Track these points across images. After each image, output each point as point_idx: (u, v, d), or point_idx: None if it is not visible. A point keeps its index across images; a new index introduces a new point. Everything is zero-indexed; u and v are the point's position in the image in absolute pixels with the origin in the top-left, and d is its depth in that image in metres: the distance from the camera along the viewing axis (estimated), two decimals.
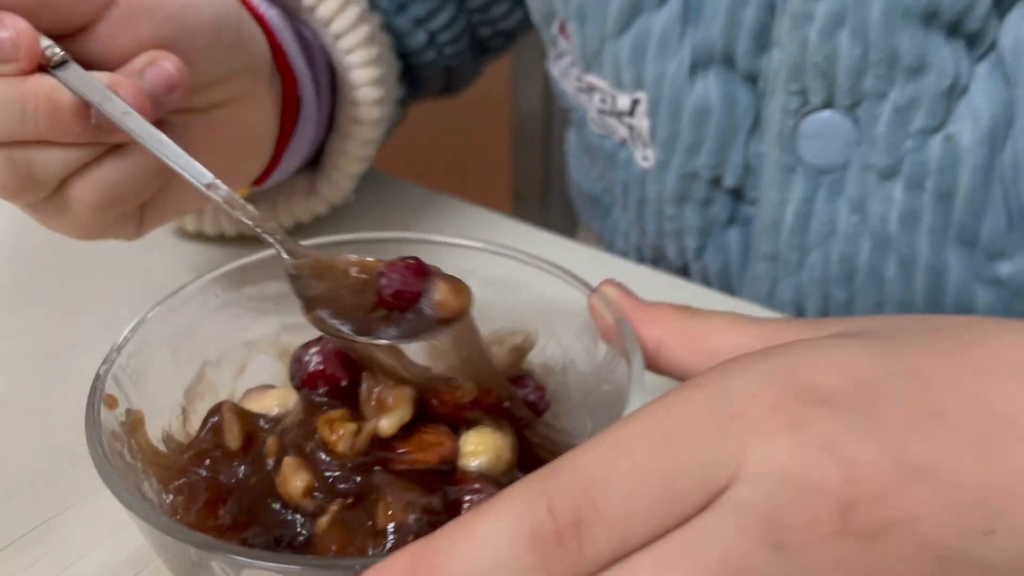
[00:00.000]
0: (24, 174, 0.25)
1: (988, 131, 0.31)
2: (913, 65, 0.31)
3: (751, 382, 0.16)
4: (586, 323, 0.24)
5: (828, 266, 0.35)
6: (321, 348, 0.23)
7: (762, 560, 0.15)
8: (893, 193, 0.33)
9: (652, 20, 0.35)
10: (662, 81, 0.35)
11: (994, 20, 0.30)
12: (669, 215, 0.39)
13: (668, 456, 0.16)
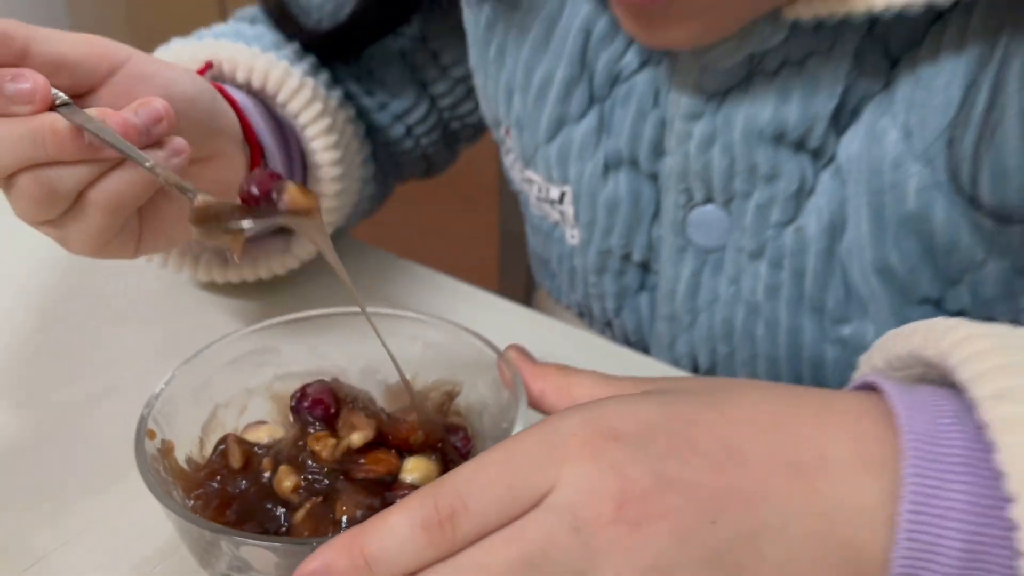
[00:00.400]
0: (47, 190, 0.32)
1: (828, 224, 0.40)
2: (768, 174, 0.40)
3: (573, 424, 0.25)
4: (495, 377, 0.33)
5: (713, 327, 0.44)
6: (319, 386, 0.32)
7: (567, 538, 0.23)
8: (759, 270, 0.42)
9: (573, 131, 0.44)
10: (582, 178, 0.44)
11: (832, 138, 0.39)
12: (592, 283, 0.47)
13: (512, 473, 0.24)
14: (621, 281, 0.46)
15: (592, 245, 0.46)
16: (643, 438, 0.25)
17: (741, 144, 0.39)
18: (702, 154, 0.40)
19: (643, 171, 0.43)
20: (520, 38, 0.44)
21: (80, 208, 0.34)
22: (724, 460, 0.24)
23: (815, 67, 0.37)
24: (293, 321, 0.35)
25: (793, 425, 0.26)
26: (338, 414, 0.32)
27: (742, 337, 0.43)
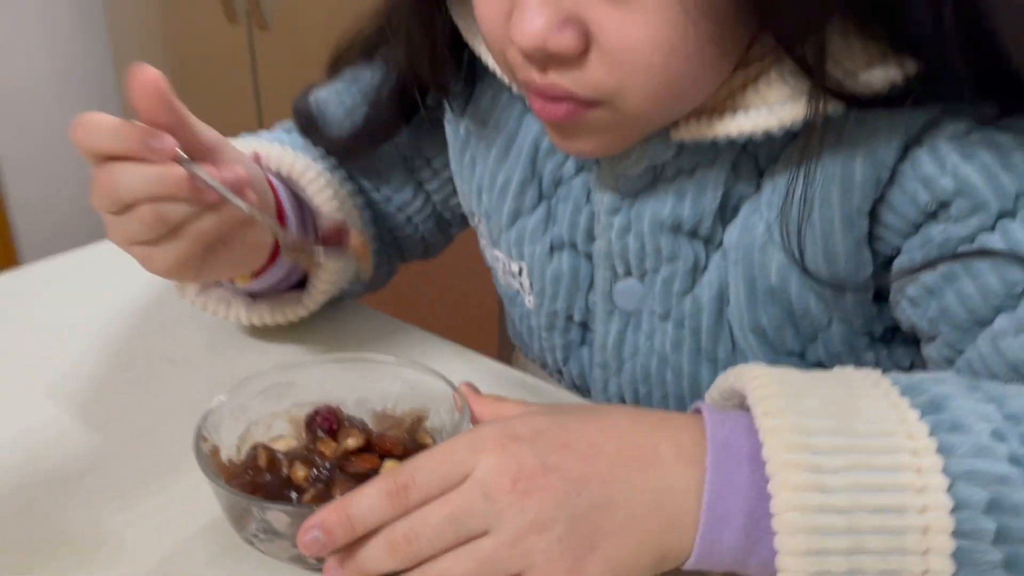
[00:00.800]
0: (159, 218, 0.46)
1: (717, 294, 0.52)
2: (670, 255, 0.52)
3: (490, 430, 0.37)
4: (452, 405, 0.45)
5: (635, 372, 0.56)
6: (326, 409, 0.45)
7: (480, 503, 0.35)
8: (667, 329, 0.54)
9: (527, 221, 0.57)
10: (534, 257, 0.57)
11: (719, 228, 0.51)
12: (544, 338, 0.60)
13: (447, 460, 0.36)
14: (566, 337, 0.59)
15: (543, 308, 0.58)
16: (534, 439, 0.37)
17: (649, 233, 0.52)
18: (621, 240, 0.52)
19: (580, 251, 0.56)
20: (487, 150, 0.57)
21: (175, 235, 0.47)
22: (587, 453, 0.37)
23: (701, 175, 0.49)
24: (306, 363, 0.47)
25: (637, 432, 0.38)
26: (339, 428, 0.44)
27: (656, 381, 0.55)
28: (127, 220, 0.47)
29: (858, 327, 0.50)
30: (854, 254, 0.46)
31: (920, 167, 0.43)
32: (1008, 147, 0.42)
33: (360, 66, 0.61)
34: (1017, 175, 0.42)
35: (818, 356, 0.51)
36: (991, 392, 0.37)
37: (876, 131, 0.44)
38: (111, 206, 0.46)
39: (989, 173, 0.42)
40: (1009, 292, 0.42)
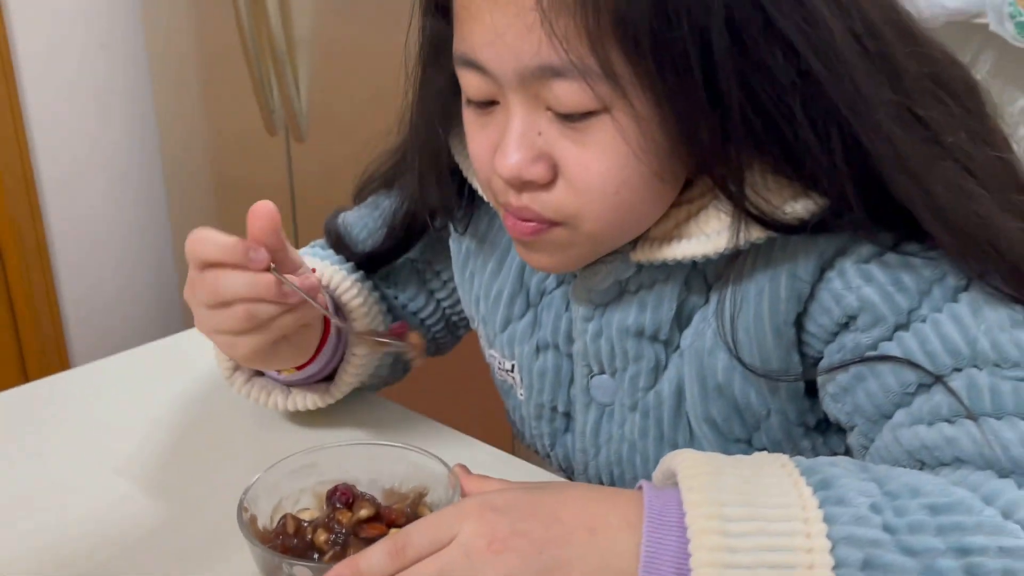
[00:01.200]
0: (251, 315, 0.57)
1: (676, 389, 0.61)
2: (635, 356, 0.62)
3: (472, 502, 0.46)
4: (447, 483, 0.54)
5: (609, 457, 0.65)
6: (344, 486, 0.54)
7: (462, 560, 0.44)
8: (635, 419, 0.63)
9: (517, 326, 0.67)
10: (523, 356, 0.67)
11: (676, 333, 0.61)
12: (534, 426, 0.69)
13: (436, 526, 0.45)
14: (552, 425, 0.68)
15: (532, 400, 0.68)
16: (507, 509, 0.46)
17: (617, 337, 0.61)
18: (594, 343, 0.62)
19: (562, 352, 0.66)
20: (483, 266, 0.68)
21: (261, 329, 0.58)
22: (549, 521, 0.46)
23: (659, 290, 0.59)
24: (327, 448, 0.57)
25: (590, 504, 0.47)
26: (354, 501, 0.54)
27: (627, 464, 0.64)
28: (221, 314, 0.58)
29: (793, 418, 0.59)
30: (784, 358, 0.56)
31: (832, 286, 0.53)
32: (899, 271, 0.52)
33: (380, 194, 0.73)
34: (907, 294, 0.51)
35: (762, 443, 0.60)
36: (876, 473, 0.46)
37: (796, 255, 0.54)
38: (210, 302, 0.57)
39: (885, 293, 0.51)
40: (904, 391, 0.51)
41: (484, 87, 0.52)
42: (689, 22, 0.46)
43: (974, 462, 0.48)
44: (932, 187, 0.49)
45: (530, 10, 0.48)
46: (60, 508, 0.63)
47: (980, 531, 0.43)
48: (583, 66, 0.48)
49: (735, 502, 0.44)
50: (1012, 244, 0.50)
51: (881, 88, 0.49)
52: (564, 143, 0.52)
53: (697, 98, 0.48)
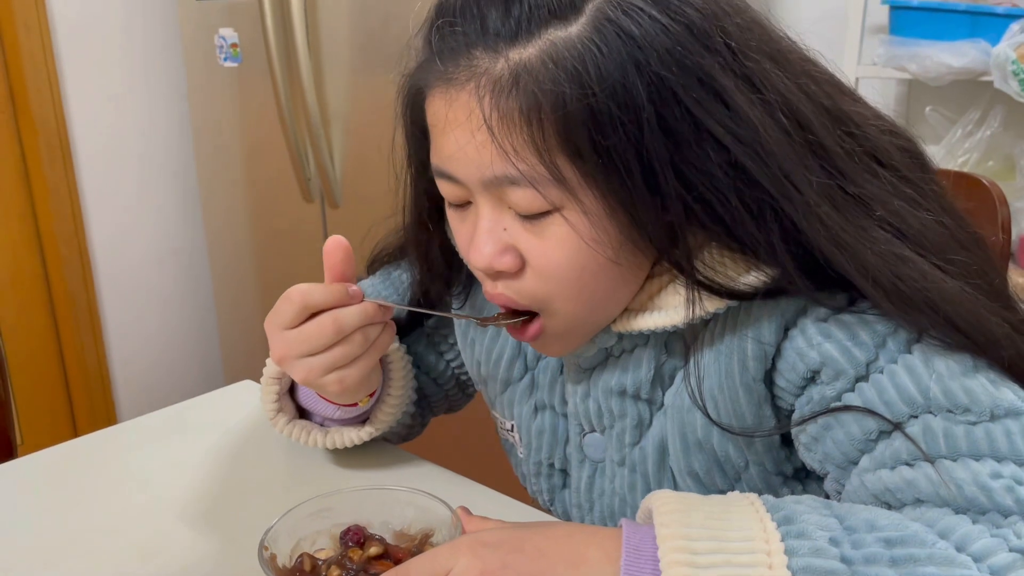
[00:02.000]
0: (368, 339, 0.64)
1: (659, 445, 0.65)
2: (619, 413, 0.66)
3: (467, 539, 0.51)
4: (451, 523, 0.59)
5: (603, 510, 0.69)
6: (356, 528, 0.59)
7: None
8: (624, 474, 0.67)
9: (516, 388, 0.72)
10: (521, 416, 0.72)
11: (659, 392, 0.65)
12: (533, 482, 0.73)
13: (434, 561, 0.50)
14: (550, 481, 0.72)
15: (531, 457, 0.72)
16: (497, 545, 0.51)
17: (602, 397, 0.66)
18: (583, 403, 0.67)
19: (558, 412, 0.70)
20: (482, 334, 0.73)
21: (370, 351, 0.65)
22: (535, 556, 0.50)
23: (639, 353, 0.64)
24: (343, 493, 0.62)
25: (574, 540, 0.51)
26: (365, 541, 0.59)
27: (619, 516, 0.68)
28: (338, 350, 0.64)
29: (771, 468, 0.63)
30: (756, 413, 0.60)
31: (795, 344, 0.58)
32: (856, 327, 0.56)
33: (389, 266, 0.79)
34: (864, 348, 0.55)
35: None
36: (838, 510, 0.50)
37: (760, 317, 0.58)
38: (330, 341, 0.64)
39: (843, 348, 0.56)
40: (867, 438, 0.55)
41: (457, 192, 0.59)
42: (624, 129, 0.52)
43: (932, 501, 0.51)
44: (865, 257, 0.53)
45: (482, 129, 0.54)
46: (100, 551, 0.69)
47: (931, 562, 0.46)
48: (533, 175, 0.54)
49: (703, 536, 0.48)
50: (949, 301, 0.54)
51: (810, 172, 0.54)
52: (527, 236, 0.58)
53: (639, 193, 0.54)
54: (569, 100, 0.52)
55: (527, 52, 0.53)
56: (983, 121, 1.61)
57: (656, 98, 0.52)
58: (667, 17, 0.53)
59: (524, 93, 0.53)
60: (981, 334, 0.54)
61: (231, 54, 1.90)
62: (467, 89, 0.55)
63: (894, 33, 1.61)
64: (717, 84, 0.53)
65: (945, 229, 0.57)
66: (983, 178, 1.00)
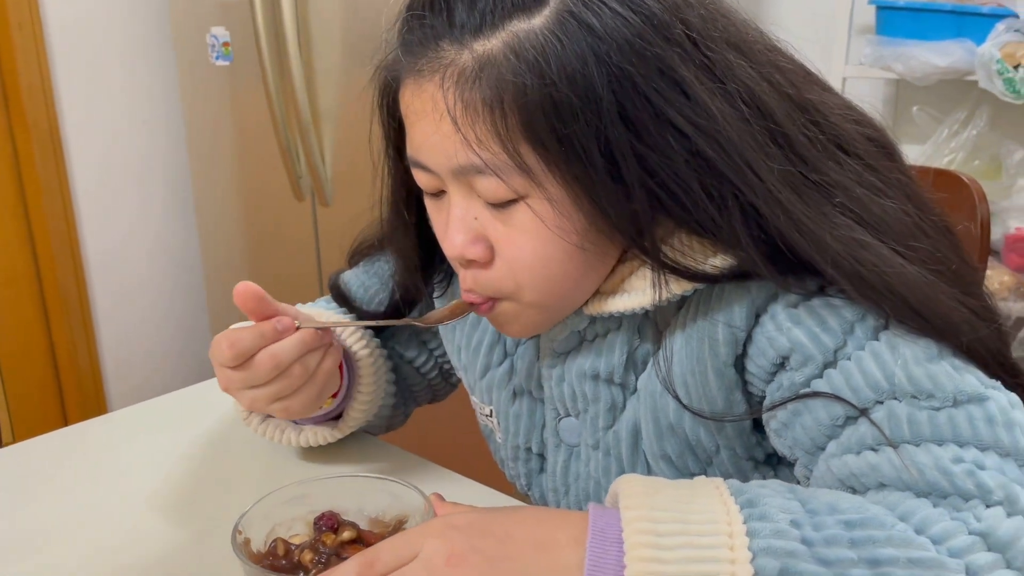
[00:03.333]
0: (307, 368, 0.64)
1: (632, 429, 0.66)
2: (593, 397, 0.66)
3: (436, 523, 0.52)
4: (424, 510, 0.60)
5: (578, 494, 0.69)
6: (330, 513, 0.60)
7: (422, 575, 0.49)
8: (598, 458, 0.68)
9: (495, 373, 0.72)
10: (500, 402, 0.72)
11: (632, 377, 0.66)
12: (511, 467, 0.74)
13: (403, 544, 0.51)
14: (528, 466, 0.73)
15: (508, 442, 0.73)
16: (466, 528, 0.51)
17: (576, 381, 0.67)
18: (558, 387, 0.68)
19: (535, 397, 0.71)
20: (463, 321, 0.74)
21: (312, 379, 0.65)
22: (503, 539, 0.51)
23: (611, 338, 0.65)
24: (319, 480, 0.63)
25: (542, 524, 0.52)
26: (339, 527, 0.59)
27: (594, 499, 0.69)
28: (279, 383, 0.65)
29: (742, 453, 0.64)
30: (727, 398, 0.61)
31: (766, 330, 0.58)
32: (825, 314, 0.57)
33: (372, 256, 0.80)
34: (832, 335, 0.56)
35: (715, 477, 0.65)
36: (801, 494, 0.51)
37: (732, 303, 0.59)
38: (268, 376, 0.64)
39: (812, 333, 0.57)
40: (834, 424, 0.56)
41: (431, 181, 0.60)
42: (585, 119, 0.53)
43: (895, 485, 0.52)
44: (825, 242, 0.54)
45: (447, 119, 0.55)
46: (80, 539, 0.70)
47: (890, 544, 0.47)
48: (497, 163, 0.55)
49: (667, 519, 0.49)
50: (907, 286, 0.54)
51: (772, 160, 0.55)
52: (495, 225, 0.59)
53: (603, 181, 0.55)
54: (530, 90, 0.53)
55: (491, 44, 0.54)
56: (969, 120, 1.62)
57: (616, 88, 0.53)
58: (628, 9, 0.54)
59: (487, 84, 0.54)
60: (939, 318, 0.54)
61: (223, 52, 1.91)
62: (434, 80, 0.56)
63: (881, 33, 1.62)
64: (677, 75, 0.54)
65: (908, 216, 0.58)
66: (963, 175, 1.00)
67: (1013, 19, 1.45)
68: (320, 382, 0.67)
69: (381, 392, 0.78)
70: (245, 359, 0.64)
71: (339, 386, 0.73)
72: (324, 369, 0.67)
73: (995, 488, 0.50)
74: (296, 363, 0.64)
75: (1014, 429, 0.52)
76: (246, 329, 0.64)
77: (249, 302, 0.65)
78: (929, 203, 0.61)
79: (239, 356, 0.64)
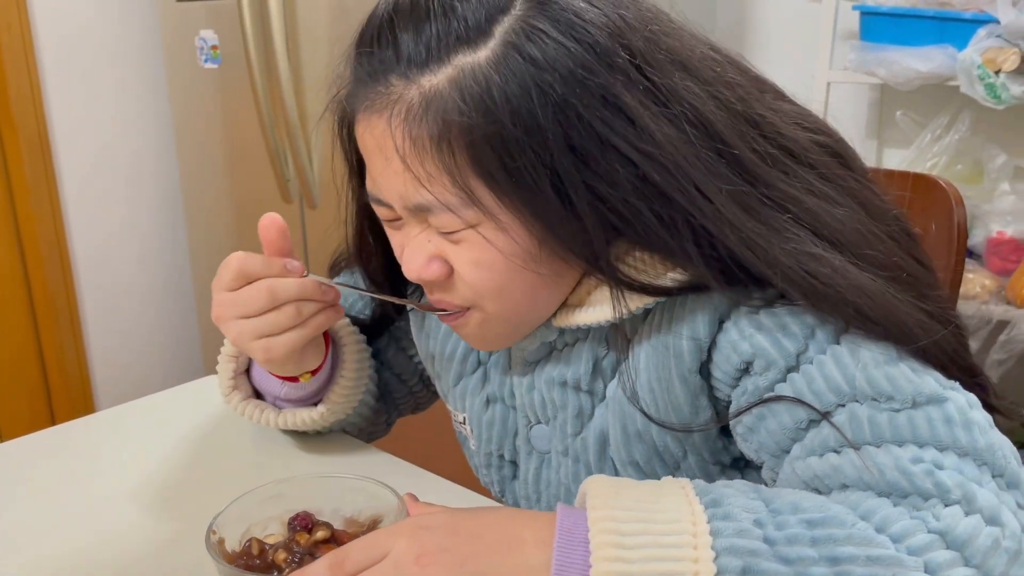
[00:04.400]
0: (297, 310, 0.65)
1: (600, 436, 0.66)
2: (561, 404, 0.67)
3: (407, 522, 0.53)
4: (398, 509, 0.60)
5: (549, 500, 0.70)
6: (304, 513, 0.60)
7: (392, 574, 0.50)
8: (568, 464, 0.68)
9: (468, 381, 0.73)
10: (473, 408, 0.73)
11: (600, 384, 0.66)
12: (484, 474, 0.75)
13: (373, 543, 0.51)
14: (501, 472, 0.74)
15: (481, 449, 0.74)
16: (436, 529, 0.52)
17: (546, 388, 0.68)
18: (528, 394, 0.69)
19: (508, 404, 0.72)
20: (436, 329, 0.74)
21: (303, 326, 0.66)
22: (471, 539, 0.51)
23: (579, 347, 0.65)
24: (294, 480, 0.64)
25: (509, 524, 0.52)
26: (313, 527, 0.60)
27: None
28: (269, 317, 0.66)
29: (709, 458, 0.64)
30: (692, 404, 0.61)
31: (729, 336, 0.59)
32: (787, 319, 0.58)
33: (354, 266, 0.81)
34: (794, 339, 0.57)
35: None
36: (765, 494, 0.52)
37: (695, 312, 0.60)
38: (263, 307, 0.65)
39: (773, 338, 0.57)
40: (798, 427, 0.57)
41: (388, 213, 0.62)
42: (532, 151, 0.54)
43: (857, 486, 0.53)
44: (776, 257, 0.55)
45: (397, 158, 0.56)
46: (61, 536, 0.70)
47: (850, 542, 0.48)
48: (447, 199, 0.56)
49: (631, 518, 0.49)
50: (864, 295, 0.55)
51: (720, 180, 0.56)
52: (450, 247, 0.60)
53: (554, 209, 0.55)
54: (476, 126, 0.54)
55: (437, 79, 0.55)
56: (951, 125, 1.63)
57: (561, 119, 0.54)
58: (570, 39, 0.54)
59: (434, 120, 0.55)
60: (894, 324, 0.55)
61: (211, 55, 1.91)
62: (384, 116, 0.57)
63: (865, 39, 1.64)
64: (621, 102, 0.54)
65: (860, 224, 0.59)
66: (940, 179, 1.02)
67: (994, 25, 1.47)
68: (308, 332, 0.67)
69: (363, 382, 0.78)
70: (246, 282, 0.65)
71: (321, 363, 0.74)
72: (316, 322, 0.67)
73: (953, 487, 0.50)
74: (291, 304, 0.65)
75: (972, 429, 0.53)
76: (257, 255, 0.66)
77: (271, 232, 0.67)
78: (885, 208, 0.62)
79: (241, 276, 0.65)
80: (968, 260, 1.60)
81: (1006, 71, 1.42)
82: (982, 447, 0.52)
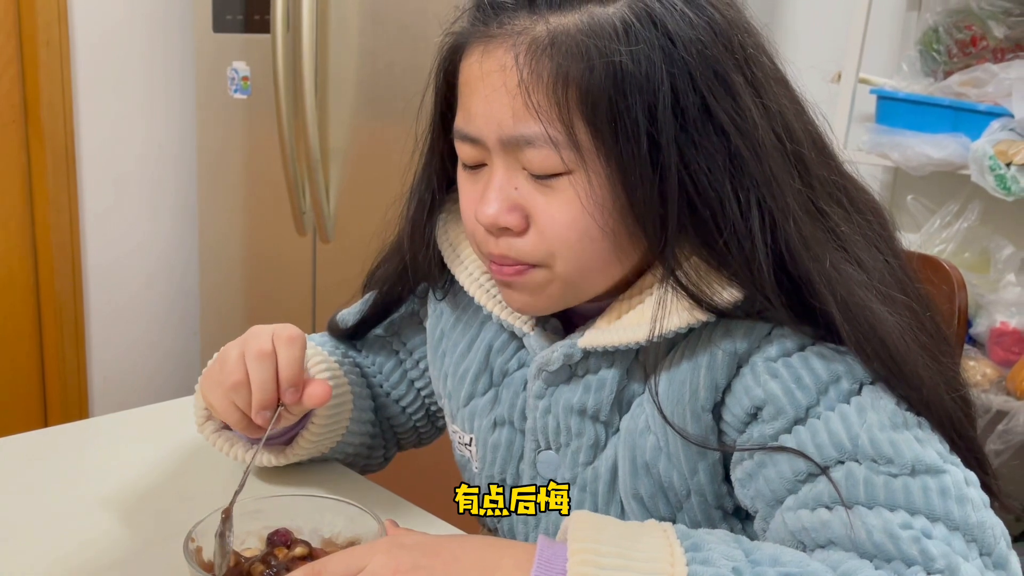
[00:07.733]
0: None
1: (611, 467, 0.67)
2: (577, 432, 0.67)
3: (384, 541, 0.53)
4: (377, 533, 0.60)
5: (548, 528, 0.70)
6: (283, 530, 0.60)
7: None
8: (574, 493, 0.68)
9: (477, 403, 0.73)
10: (480, 430, 0.73)
11: (616, 416, 0.67)
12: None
13: (350, 559, 0.52)
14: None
15: (484, 471, 0.74)
16: (413, 548, 0.52)
17: (563, 414, 0.68)
18: (543, 419, 0.69)
19: (516, 428, 0.72)
20: (454, 346, 0.76)
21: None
22: (449, 560, 0.51)
23: (602, 375, 0.66)
24: (275, 497, 0.64)
25: (489, 550, 0.52)
26: (292, 543, 0.60)
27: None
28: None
29: (712, 501, 0.64)
30: (700, 440, 0.62)
31: (744, 380, 0.60)
32: (802, 372, 0.58)
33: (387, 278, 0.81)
34: (806, 392, 0.58)
35: (686, 523, 0.65)
36: (746, 545, 0.52)
37: (716, 352, 0.60)
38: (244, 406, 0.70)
39: (787, 389, 0.58)
40: (795, 479, 0.57)
41: (475, 154, 0.63)
42: (640, 98, 0.56)
43: (842, 544, 0.53)
44: (824, 264, 0.57)
45: (513, 84, 0.58)
46: (41, 539, 0.70)
47: None
48: (551, 134, 0.58)
49: (611, 553, 0.50)
50: (889, 332, 0.57)
51: (792, 178, 0.59)
52: (536, 196, 0.61)
53: (643, 170, 0.57)
54: (595, 71, 0.57)
55: (566, 20, 0.58)
56: (961, 213, 1.65)
57: (674, 81, 0.57)
58: (694, 12, 0.58)
59: (557, 56, 0.57)
60: (910, 370, 0.56)
61: (241, 86, 1.96)
62: (504, 46, 0.59)
63: (880, 122, 1.67)
64: (729, 78, 0.58)
65: (894, 273, 0.61)
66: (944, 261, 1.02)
67: (1008, 119, 1.49)
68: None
69: (339, 431, 0.78)
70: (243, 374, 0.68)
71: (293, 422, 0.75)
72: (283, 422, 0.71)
73: (938, 557, 0.50)
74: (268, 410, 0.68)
75: (966, 505, 0.53)
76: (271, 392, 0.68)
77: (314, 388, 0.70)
78: (911, 271, 0.64)
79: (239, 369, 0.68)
80: (971, 348, 1.60)
81: (1017, 164, 1.44)
82: (973, 523, 0.52)
